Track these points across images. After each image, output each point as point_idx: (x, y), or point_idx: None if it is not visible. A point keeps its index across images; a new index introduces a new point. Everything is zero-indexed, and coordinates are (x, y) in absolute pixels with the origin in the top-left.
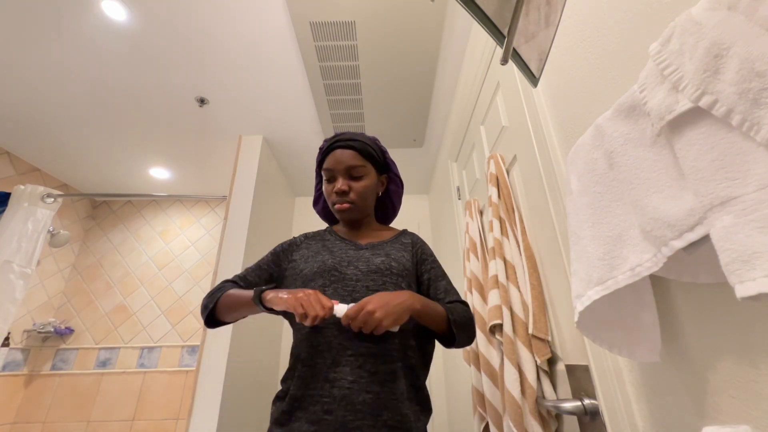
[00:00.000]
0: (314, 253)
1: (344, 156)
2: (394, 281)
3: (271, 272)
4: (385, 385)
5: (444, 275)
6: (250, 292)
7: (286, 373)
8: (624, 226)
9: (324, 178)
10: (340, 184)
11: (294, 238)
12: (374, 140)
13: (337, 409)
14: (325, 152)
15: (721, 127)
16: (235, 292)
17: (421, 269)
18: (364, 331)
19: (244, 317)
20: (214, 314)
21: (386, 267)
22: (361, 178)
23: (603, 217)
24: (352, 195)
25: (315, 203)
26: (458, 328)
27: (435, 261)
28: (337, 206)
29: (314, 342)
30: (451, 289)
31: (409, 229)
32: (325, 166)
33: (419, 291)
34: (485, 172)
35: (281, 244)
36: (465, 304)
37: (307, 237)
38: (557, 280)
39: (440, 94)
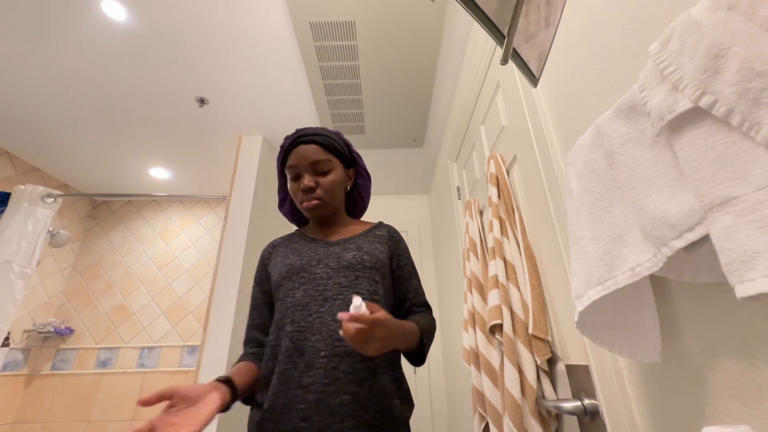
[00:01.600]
0: (282, 258)
1: (308, 151)
2: (368, 275)
3: (267, 300)
4: (363, 384)
5: (415, 274)
6: None
7: (261, 378)
8: (624, 226)
9: (289, 177)
10: (307, 180)
11: (262, 254)
12: (338, 134)
13: (314, 414)
14: (287, 149)
15: (721, 127)
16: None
17: (393, 263)
18: (345, 338)
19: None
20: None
21: (358, 261)
22: (327, 173)
23: (603, 217)
24: (319, 191)
25: (280, 205)
26: (427, 345)
27: (409, 258)
28: (305, 204)
29: (283, 348)
30: (420, 289)
31: (409, 229)
32: (289, 163)
33: (391, 277)
34: (485, 172)
35: (257, 271)
36: (429, 309)
37: (275, 246)
38: (557, 280)
39: (440, 94)
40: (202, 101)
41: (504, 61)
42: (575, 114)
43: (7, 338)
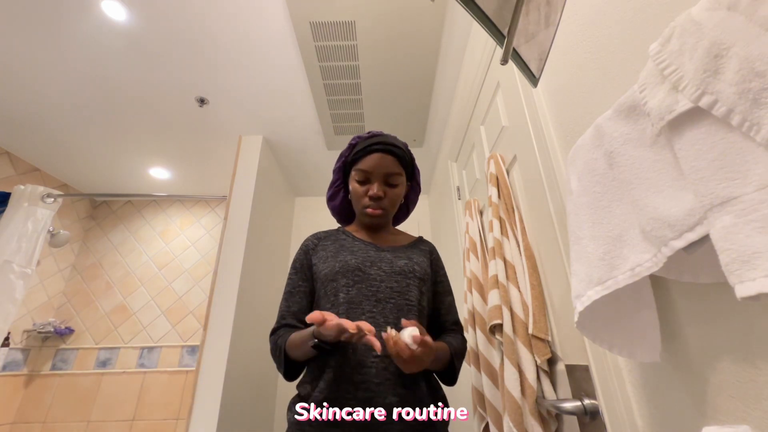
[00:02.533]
0: (333, 253)
1: (385, 161)
2: (417, 284)
3: (307, 289)
4: (408, 387)
5: (450, 291)
6: (306, 336)
7: (304, 377)
8: (624, 226)
9: (356, 178)
10: (377, 189)
11: (306, 243)
12: (407, 147)
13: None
14: (361, 152)
15: (721, 127)
16: (293, 343)
17: (433, 279)
18: (392, 354)
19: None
20: (288, 363)
21: (410, 269)
22: (396, 186)
23: (603, 217)
24: (386, 201)
25: (331, 199)
26: (458, 366)
27: (446, 275)
28: (369, 210)
29: (338, 344)
30: (453, 307)
31: (409, 230)
32: (362, 167)
33: (430, 289)
34: (485, 172)
35: (298, 258)
36: (461, 328)
37: (321, 239)
38: (557, 280)
39: (440, 94)
40: (202, 101)
41: (504, 61)
42: (575, 114)
43: (7, 338)
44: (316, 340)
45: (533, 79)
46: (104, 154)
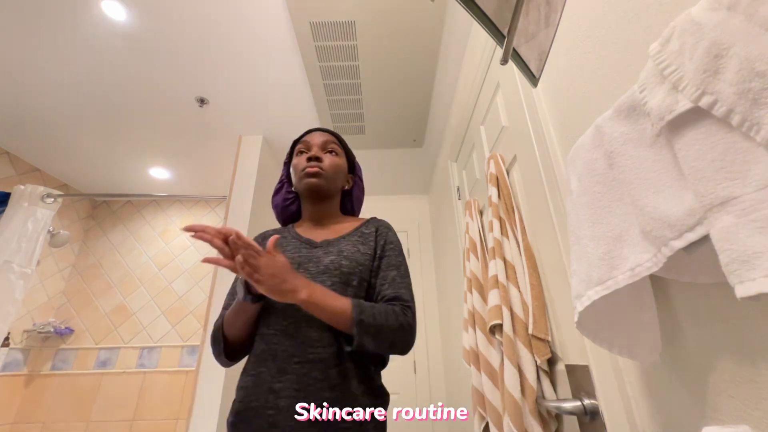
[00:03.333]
0: None
1: (322, 135)
2: (344, 280)
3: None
4: (335, 389)
5: (396, 266)
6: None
7: (239, 379)
8: (624, 226)
9: (297, 152)
10: (315, 150)
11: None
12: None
13: (283, 420)
14: (300, 136)
15: (721, 127)
16: (228, 312)
17: (377, 254)
18: (241, 261)
19: (248, 322)
20: (226, 342)
21: (335, 267)
22: (335, 155)
23: (603, 217)
24: (325, 164)
25: (275, 194)
26: (363, 330)
27: (393, 250)
28: (307, 170)
29: (257, 350)
30: (397, 282)
31: (409, 230)
32: (299, 144)
33: (369, 278)
34: (485, 172)
35: None
36: (404, 304)
37: (265, 237)
38: (557, 280)
39: (440, 94)
40: (202, 101)
41: (504, 61)
42: (575, 114)
43: (7, 338)
44: (243, 291)
45: (533, 79)
46: (104, 154)
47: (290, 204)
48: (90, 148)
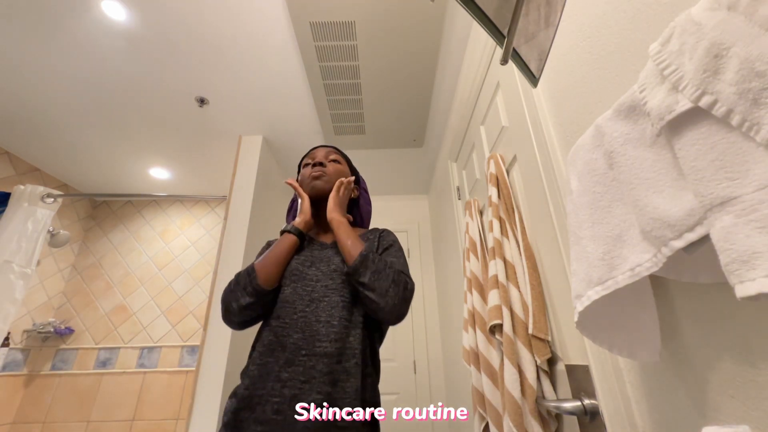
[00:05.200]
0: None
1: (325, 149)
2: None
3: None
4: (337, 385)
5: (398, 257)
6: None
7: (244, 369)
8: (624, 227)
9: (302, 167)
10: (319, 158)
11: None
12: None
13: (287, 409)
14: (305, 154)
15: (721, 127)
16: (262, 255)
17: (379, 252)
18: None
19: (282, 259)
20: (258, 284)
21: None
22: (337, 162)
23: (603, 217)
24: (329, 168)
25: (288, 212)
26: (365, 263)
27: (394, 246)
28: (312, 173)
29: (265, 341)
30: (396, 264)
31: (410, 230)
32: (305, 158)
33: None
34: (485, 172)
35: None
36: (406, 276)
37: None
38: (557, 280)
39: (440, 94)
40: (202, 101)
41: (504, 61)
42: (575, 114)
43: (7, 338)
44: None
45: (533, 79)
46: (104, 154)
47: None
48: (90, 148)
